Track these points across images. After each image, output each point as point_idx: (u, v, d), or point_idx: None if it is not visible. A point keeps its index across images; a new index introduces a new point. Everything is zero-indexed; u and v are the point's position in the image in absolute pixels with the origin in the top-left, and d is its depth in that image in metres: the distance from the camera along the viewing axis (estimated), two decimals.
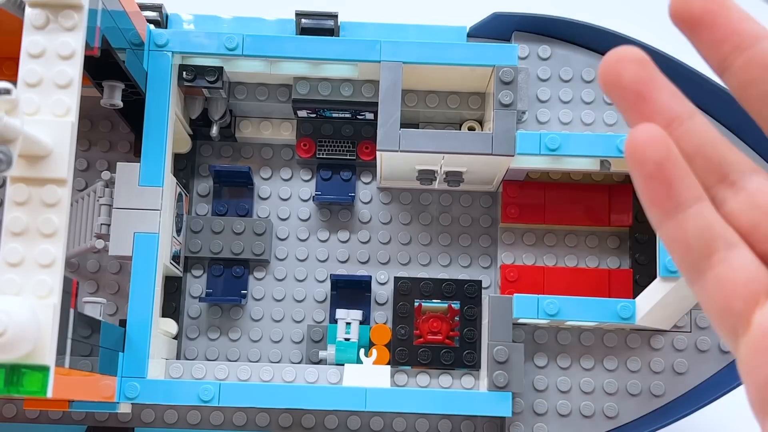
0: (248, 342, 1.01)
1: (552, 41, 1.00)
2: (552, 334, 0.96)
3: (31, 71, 0.70)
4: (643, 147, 0.29)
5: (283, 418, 0.96)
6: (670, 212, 0.29)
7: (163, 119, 0.91)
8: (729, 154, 0.30)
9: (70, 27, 0.71)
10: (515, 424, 0.93)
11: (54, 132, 0.68)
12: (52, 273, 0.67)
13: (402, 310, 0.97)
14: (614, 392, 0.94)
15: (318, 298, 1.02)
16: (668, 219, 0.29)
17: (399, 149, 0.91)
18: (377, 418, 0.96)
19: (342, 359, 0.95)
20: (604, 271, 0.99)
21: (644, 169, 0.29)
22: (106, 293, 1.00)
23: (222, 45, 0.93)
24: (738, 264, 0.29)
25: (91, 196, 0.95)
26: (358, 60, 0.94)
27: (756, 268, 0.29)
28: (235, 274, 1.01)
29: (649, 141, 0.29)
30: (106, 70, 0.86)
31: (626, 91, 0.30)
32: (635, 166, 0.29)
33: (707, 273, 0.29)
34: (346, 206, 1.03)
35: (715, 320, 0.29)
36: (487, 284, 1.01)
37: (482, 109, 1.00)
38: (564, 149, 0.91)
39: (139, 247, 0.89)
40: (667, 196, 0.29)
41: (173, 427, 0.95)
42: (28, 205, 0.68)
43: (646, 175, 0.29)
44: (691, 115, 0.30)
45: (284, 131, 1.04)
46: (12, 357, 0.63)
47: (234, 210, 1.03)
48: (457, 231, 1.03)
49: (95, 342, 0.79)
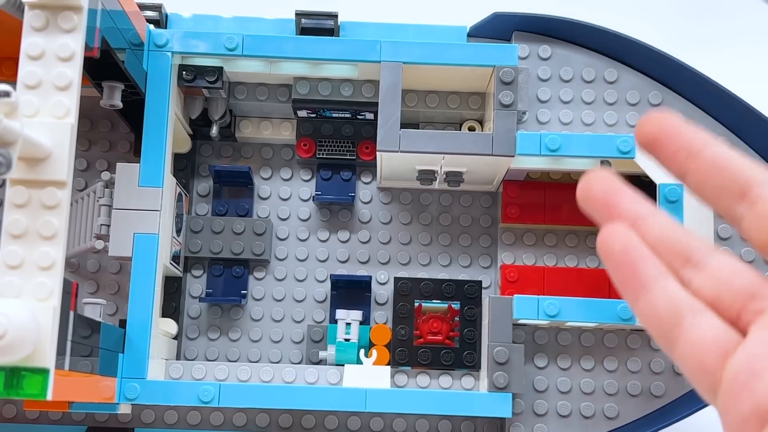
0: (248, 342, 1.00)
1: (552, 41, 1.00)
2: (552, 335, 0.96)
3: (30, 73, 0.70)
4: (611, 240, 0.33)
5: (283, 419, 0.96)
6: (639, 292, 0.33)
7: (163, 119, 0.91)
8: (690, 241, 0.34)
9: (70, 28, 0.71)
10: (515, 424, 0.93)
11: (53, 134, 0.68)
12: (51, 275, 0.67)
13: (402, 311, 0.97)
14: (614, 393, 0.94)
15: (318, 298, 1.01)
16: (639, 299, 0.33)
17: (399, 149, 0.91)
18: (377, 418, 0.96)
19: (342, 360, 0.95)
20: (605, 272, 0.99)
21: (612, 256, 0.33)
22: (106, 294, 1.00)
23: (222, 45, 0.93)
24: (705, 326, 0.31)
25: (90, 196, 0.95)
26: (358, 60, 0.94)
27: (722, 328, 0.31)
28: (235, 274, 1.01)
29: (615, 234, 0.33)
30: (105, 71, 0.86)
31: (595, 202, 0.35)
32: (605, 257, 0.34)
33: (679, 339, 0.32)
34: (346, 206, 1.03)
35: (695, 382, 0.32)
36: (488, 284, 1.01)
37: (482, 109, 1.00)
38: (564, 150, 0.91)
39: (139, 248, 0.89)
40: (634, 277, 0.32)
41: (173, 428, 0.95)
42: (27, 208, 0.68)
43: (614, 264, 0.33)
44: (652, 213, 0.34)
45: (284, 131, 1.04)
46: (12, 360, 0.63)
47: (234, 210, 1.03)
48: (457, 231, 1.03)
49: (95, 343, 0.79)
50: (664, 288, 0.32)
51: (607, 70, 0.99)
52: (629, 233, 0.33)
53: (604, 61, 0.99)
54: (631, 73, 0.99)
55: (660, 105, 0.98)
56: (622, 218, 0.34)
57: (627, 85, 0.99)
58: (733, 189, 0.32)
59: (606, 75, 0.99)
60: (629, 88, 0.98)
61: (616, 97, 0.99)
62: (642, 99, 0.98)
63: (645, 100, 0.98)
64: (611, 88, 0.99)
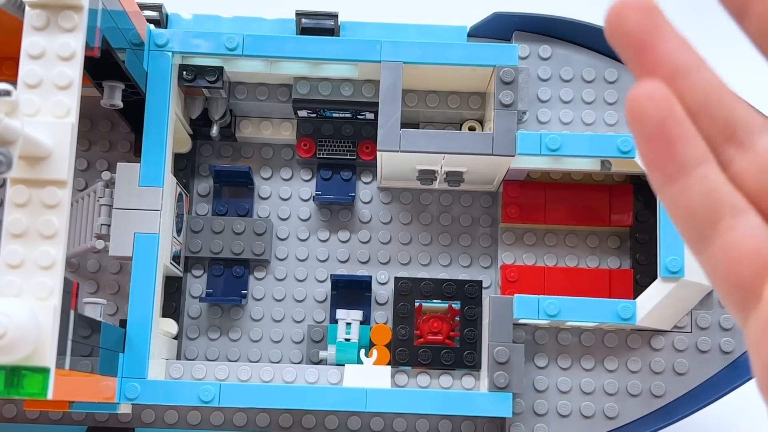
0: (248, 342, 1.00)
1: (552, 41, 1.00)
2: (552, 335, 0.96)
3: (31, 72, 0.70)
4: (645, 105, 0.27)
5: (283, 419, 0.96)
6: (672, 175, 0.27)
7: (163, 119, 0.91)
8: (737, 111, 0.28)
9: (70, 28, 0.71)
10: (515, 424, 0.93)
11: (54, 133, 0.68)
12: (52, 275, 0.67)
13: (402, 311, 0.97)
14: (615, 393, 0.94)
15: (318, 298, 1.01)
16: (671, 183, 0.27)
17: (399, 149, 0.91)
18: (377, 418, 0.95)
19: (342, 359, 0.95)
20: (605, 271, 0.99)
21: (645, 129, 0.27)
22: (107, 293, 1.00)
23: (222, 45, 0.93)
24: (747, 232, 0.27)
25: (91, 196, 0.95)
26: (358, 60, 0.94)
27: (766, 235, 0.27)
28: (235, 274, 1.01)
29: (651, 99, 0.27)
30: (106, 70, 0.86)
31: (629, 40, 0.28)
32: (635, 125, 0.27)
33: (713, 242, 0.27)
34: (346, 206, 1.03)
35: (723, 293, 0.27)
36: (488, 284, 1.01)
37: (483, 109, 1.00)
38: (564, 149, 0.91)
39: (139, 248, 0.89)
40: (669, 158, 0.27)
41: (173, 428, 0.95)
42: (28, 207, 0.68)
43: (647, 136, 0.27)
44: (698, 67, 0.28)
45: (284, 131, 1.04)
46: (12, 359, 0.63)
47: (234, 210, 1.03)
48: (458, 231, 1.03)
49: (95, 343, 0.79)
50: (703, 175, 0.27)
51: (607, 70, 0.99)
52: (669, 100, 0.27)
53: (604, 61, 0.99)
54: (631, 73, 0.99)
55: None
56: (661, 69, 0.28)
57: (627, 84, 0.99)
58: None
59: (606, 75, 0.99)
60: (629, 88, 0.98)
61: (617, 97, 0.99)
62: None
63: None
64: (611, 87, 0.99)
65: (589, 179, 1.01)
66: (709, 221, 0.27)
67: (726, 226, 0.27)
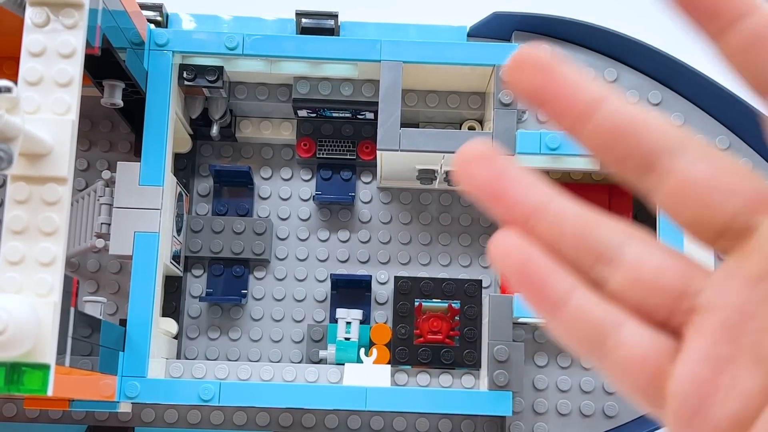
0: (248, 341, 1.01)
1: (552, 41, 1.00)
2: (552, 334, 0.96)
3: (31, 69, 0.70)
4: (504, 257, 0.29)
5: (283, 418, 0.96)
6: (552, 311, 0.29)
7: (163, 119, 0.91)
8: (597, 232, 0.29)
9: (71, 25, 0.71)
10: (515, 423, 0.93)
11: (54, 130, 0.68)
12: (52, 271, 0.67)
13: (402, 310, 0.97)
14: (614, 391, 0.94)
15: (318, 298, 1.02)
16: (554, 317, 0.29)
17: (399, 149, 0.91)
18: (377, 417, 0.95)
19: (342, 359, 0.95)
20: None
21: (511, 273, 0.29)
22: (107, 293, 1.00)
23: (222, 44, 0.93)
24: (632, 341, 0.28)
25: (91, 195, 0.95)
26: (358, 59, 0.94)
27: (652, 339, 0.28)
28: (235, 274, 1.01)
29: (507, 251, 0.29)
30: (106, 69, 0.86)
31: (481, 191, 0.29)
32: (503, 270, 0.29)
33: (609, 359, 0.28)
34: (346, 206, 1.03)
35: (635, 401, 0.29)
36: (488, 283, 1.01)
37: (482, 108, 1.00)
38: (564, 149, 0.91)
39: (139, 247, 0.89)
40: (543, 299, 0.28)
41: (173, 427, 0.95)
42: (28, 204, 0.68)
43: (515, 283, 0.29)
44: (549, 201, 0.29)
45: (284, 131, 1.04)
46: (12, 355, 0.63)
47: (234, 210, 1.03)
48: (457, 231, 1.03)
49: (95, 341, 0.79)
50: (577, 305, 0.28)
51: (607, 70, 0.99)
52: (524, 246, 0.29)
53: (604, 60, 1.00)
54: (631, 73, 0.99)
55: (659, 105, 0.99)
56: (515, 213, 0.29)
57: (627, 84, 0.99)
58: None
59: (606, 75, 0.99)
60: (629, 88, 0.99)
61: None
62: (642, 99, 0.98)
63: (645, 99, 0.99)
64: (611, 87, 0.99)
65: (588, 179, 1.01)
66: (597, 343, 0.28)
67: (613, 344, 0.28)
